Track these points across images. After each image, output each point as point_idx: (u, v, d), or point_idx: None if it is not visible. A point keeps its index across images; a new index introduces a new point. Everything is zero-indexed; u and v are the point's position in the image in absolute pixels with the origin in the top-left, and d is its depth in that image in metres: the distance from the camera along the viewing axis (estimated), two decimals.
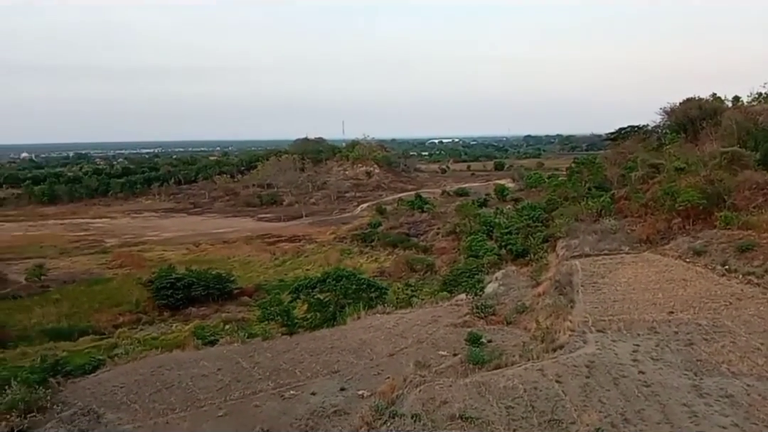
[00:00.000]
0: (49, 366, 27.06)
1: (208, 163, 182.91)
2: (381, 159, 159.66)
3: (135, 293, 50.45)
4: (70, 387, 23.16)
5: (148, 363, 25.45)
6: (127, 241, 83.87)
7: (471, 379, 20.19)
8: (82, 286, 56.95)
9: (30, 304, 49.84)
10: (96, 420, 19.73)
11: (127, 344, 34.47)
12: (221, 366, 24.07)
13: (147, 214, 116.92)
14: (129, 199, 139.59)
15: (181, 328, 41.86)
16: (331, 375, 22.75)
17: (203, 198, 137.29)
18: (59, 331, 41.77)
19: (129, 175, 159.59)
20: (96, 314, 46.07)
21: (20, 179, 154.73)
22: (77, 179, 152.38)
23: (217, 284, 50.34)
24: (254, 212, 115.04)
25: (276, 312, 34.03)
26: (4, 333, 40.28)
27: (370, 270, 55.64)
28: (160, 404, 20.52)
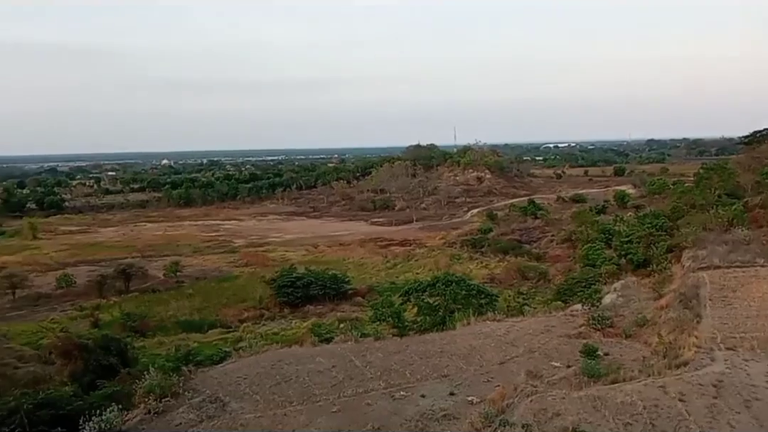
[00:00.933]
0: (182, 355, 29.44)
1: (327, 170, 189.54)
2: (493, 164, 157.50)
3: (259, 290, 53.24)
4: (200, 376, 24.79)
5: (269, 357, 26.81)
6: (252, 242, 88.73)
7: (585, 392, 19.50)
8: (212, 283, 61.11)
9: (167, 298, 54.25)
10: (222, 408, 20.97)
11: (250, 338, 36.41)
12: (335, 363, 24.91)
13: (271, 217, 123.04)
14: (255, 203, 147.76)
15: (300, 325, 43.64)
16: (440, 379, 22.88)
17: (322, 202, 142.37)
18: (191, 323, 45.06)
19: (255, 181, 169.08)
20: (224, 309, 49.16)
21: (161, 184, 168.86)
22: (210, 184, 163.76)
23: (332, 284, 52.10)
24: (368, 216, 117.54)
25: (387, 313, 34.68)
26: (145, 324, 43.96)
27: (480, 276, 55.09)
28: (279, 396, 21.55)
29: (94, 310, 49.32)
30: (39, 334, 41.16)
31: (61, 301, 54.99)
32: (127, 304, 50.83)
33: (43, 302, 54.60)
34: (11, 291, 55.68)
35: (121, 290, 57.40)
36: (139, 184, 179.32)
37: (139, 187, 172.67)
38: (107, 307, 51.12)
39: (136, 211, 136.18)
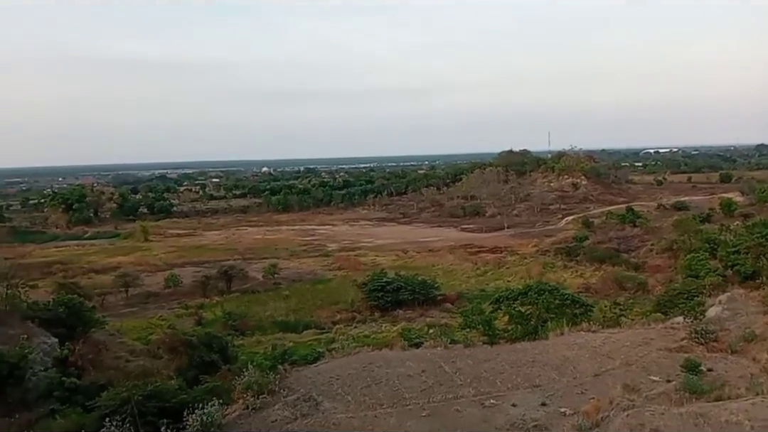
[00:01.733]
0: (279, 354, 30.57)
1: (417, 176, 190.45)
2: (589, 170, 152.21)
3: (351, 293, 54.28)
4: (295, 375, 25.59)
5: (360, 359, 27.29)
6: (345, 246, 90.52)
7: (687, 408, 18.49)
8: (307, 285, 62.97)
9: (265, 299, 56.47)
10: (315, 407, 21.57)
11: (343, 339, 37.15)
12: (425, 368, 25.01)
13: (362, 223, 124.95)
14: (348, 209, 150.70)
15: (390, 329, 44.09)
16: (532, 388, 22.46)
17: (412, 208, 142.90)
18: (287, 323, 46.63)
19: (348, 188, 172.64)
20: (318, 310, 50.56)
21: (261, 190, 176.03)
22: (306, 191, 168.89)
23: (422, 290, 52.27)
24: (458, 223, 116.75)
25: (477, 321, 34.39)
26: (245, 323, 45.94)
27: (574, 285, 53.44)
28: (369, 398, 21.92)
29: (198, 308, 52.12)
30: (148, 330, 43.95)
31: (168, 299, 58.56)
32: (228, 304, 53.33)
33: (153, 300, 58.34)
34: (125, 289, 59.84)
35: (223, 290, 60.31)
36: (240, 190, 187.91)
37: (241, 193, 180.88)
38: (210, 306, 53.86)
39: (238, 216, 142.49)
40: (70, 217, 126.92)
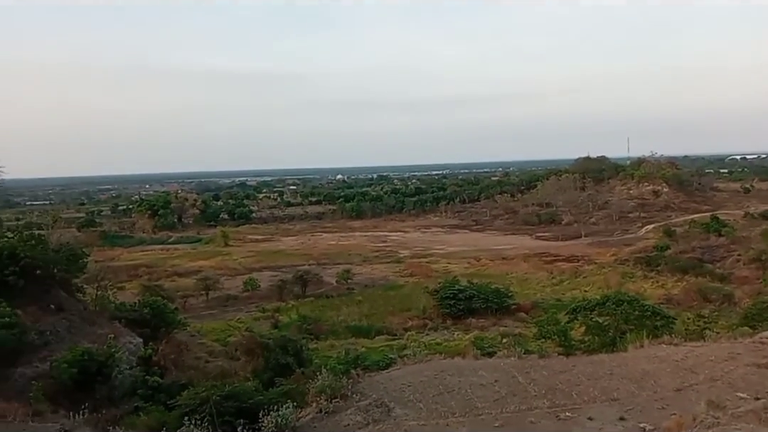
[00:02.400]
0: (352, 359, 30.80)
1: (490, 183, 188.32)
2: (670, 177, 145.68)
3: (422, 300, 54.05)
4: (367, 380, 25.72)
5: (432, 366, 27.16)
6: (417, 253, 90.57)
7: None
8: (379, 291, 63.39)
9: (338, 303, 57.18)
10: (387, 413, 21.60)
11: (414, 346, 36.95)
12: (498, 378, 24.58)
13: (434, 230, 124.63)
14: (420, 216, 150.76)
15: (462, 337, 43.65)
16: (609, 402, 21.63)
17: (484, 216, 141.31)
18: (360, 328, 46.98)
19: (420, 195, 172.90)
20: (390, 316, 50.70)
21: (335, 197, 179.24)
22: (379, 197, 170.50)
23: (495, 298, 51.51)
24: (532, 230, 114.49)
25: (553, 331, 33.50)
26: (318, 327, 46.65)
27: (655, 296, 51.21)
28: (441, 407, 21.76)
29: (275, 312, 53.36)
30: (227, 332, 45.32)
31: (246, 302, 60.35)
32: (303, 308, 54.40)
33: (232, 303, 60.30)
34: (205, 292, 62.12)
35: (299, 295, 61.60)
36: (316, 197, 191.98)
37: (316, 200, 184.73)
38: (286, 309, 55.06)
39: (313, 222, 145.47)
40: (155, 223, 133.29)
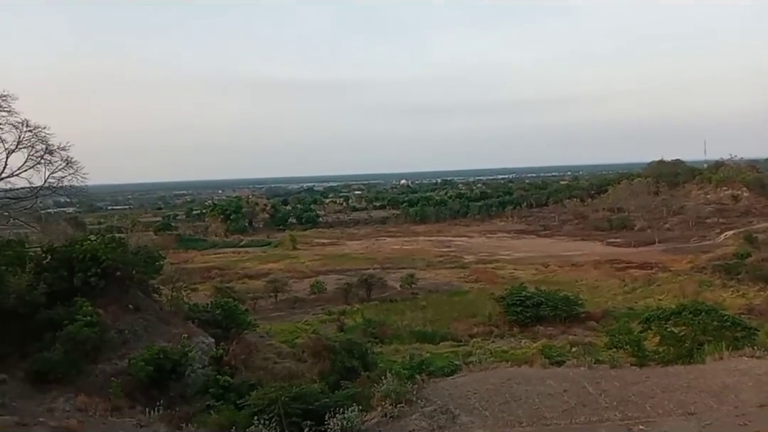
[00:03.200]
0: (416, 364, 30.73)
1: (559, 188, 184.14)
2: (751, 181, 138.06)
3: (488, 307, 53.39)
4: (431, 386, 25.57)
5: (498, 374, 26.73)
6: (482, 259, 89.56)
7: None
8: (443, 296, 63.00)
9: (403, 308, 57.22)
10: (452, 419, 21.39)
11: (480, 353, 36.51)
12: (567, 388, 23.95)
13: (500, 235, 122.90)
14: (485, 221, 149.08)
15: (529, 345, 42.79)
16: (686, 416, 20.65)
17: (553, 221, 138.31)
18: (424, 334, 46.80)
19: (486, 199, 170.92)
20: (454, 322, 50.25)
21: (399, 202, 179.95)
22: (443, 202, 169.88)
23: (564, 306, 50.24)
24: (603, 236, 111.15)
25: (625, 341, 32.30)
26: (383, 331, 46.81)
27: (735, 306, 48.59)
28: (508, 415, 21.37)
29: (340, 315, 53.99)
30: (294, 334, 46.16)
31: (313, 305, 61.38)
32: (368, 311, 54.73)
33: (299, 305, 61.46)
34: (274, 294, 63.60)
35: (363, 298, 62.13)
36: (380, 202, 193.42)
37: (381, 205, 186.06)
38: (351, 312, 55.60)
39: (378, 227, 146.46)
40: (227, 227, 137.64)
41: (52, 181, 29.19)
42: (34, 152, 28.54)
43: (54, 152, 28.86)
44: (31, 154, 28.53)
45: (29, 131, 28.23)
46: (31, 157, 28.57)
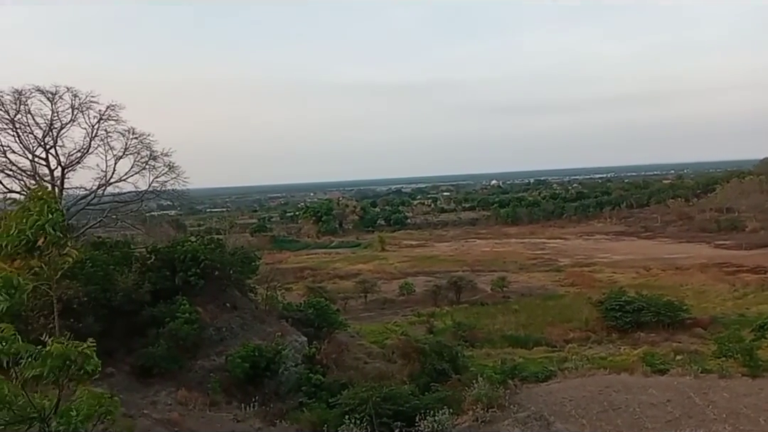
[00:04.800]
0: (509, 369, 30.04)
1: (661, 187, 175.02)
2: None
3: (584, 312, 51.37)
4: (525, 391, 24.94)
5: (596, 381, 25.68)
6: (578, 262, 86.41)
7: None
8: (537, 300, 61.19)
9: (494, 311, 56.11)
10: (546, 427, 20.72)
11: (576, 359, 35.30)
12: (671, 397, 22.60)
13: (598, 237, 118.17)
14: (581, 222, 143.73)
15: (629, 352, 40.68)
16: None
17: (655, 222, 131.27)
18: (517, 338, 45.68)
19: (582, 199, 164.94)
20: (548, 327, 48.66)
21: (489, 203, 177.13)
22: (536, 203, 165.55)
23: (668, 311, 47.37)
24: (710, 238, 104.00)
25: (735, 349, 30.08)
26: (473, 334, 46.12)
27: None
28: (606, 424, 20.47)
29: (430, 317, 53.65)
30: (384, 335, 46.36)
31: (402, 306, 61.44)
32: (457, 314, 54.08)
33: (388, 306, 61.71)
34: (364, 295, 64.26)
35: (453, 301, 61.48)
36: (470, 203, 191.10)
37: (470, 206, 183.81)
38: (440, 315, 55.13)
39: (467, 228, 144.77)
40: (319, 228, 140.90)
41: (156, 185, 30.97)
42: (140, 158, 30.42)
43: (157, 158, 30.63)
44: (136, 160, 30.44)
45: (135, 138, 30.12)
46: (137, 163, 30.45)
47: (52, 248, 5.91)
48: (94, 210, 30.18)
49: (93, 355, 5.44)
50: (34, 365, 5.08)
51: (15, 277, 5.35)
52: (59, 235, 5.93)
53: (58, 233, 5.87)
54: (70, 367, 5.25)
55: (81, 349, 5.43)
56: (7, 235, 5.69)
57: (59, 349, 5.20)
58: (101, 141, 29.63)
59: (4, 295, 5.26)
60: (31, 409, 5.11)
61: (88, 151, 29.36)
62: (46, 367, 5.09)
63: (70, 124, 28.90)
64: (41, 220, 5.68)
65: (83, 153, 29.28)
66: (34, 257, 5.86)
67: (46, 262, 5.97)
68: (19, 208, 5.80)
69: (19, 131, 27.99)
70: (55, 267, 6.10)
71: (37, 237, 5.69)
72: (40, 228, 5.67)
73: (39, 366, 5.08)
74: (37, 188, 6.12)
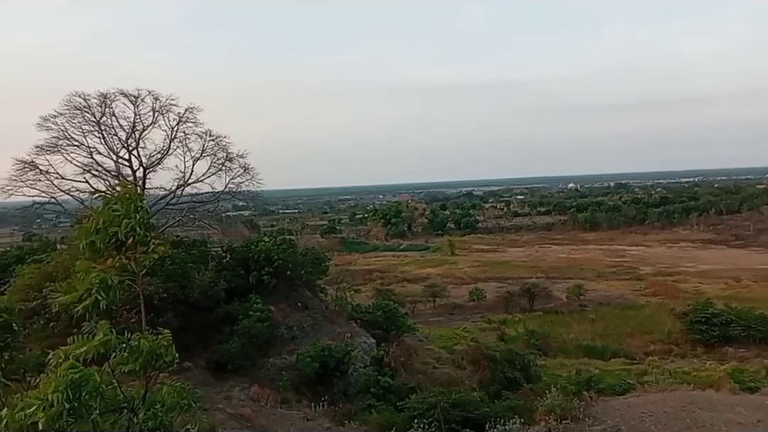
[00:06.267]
0: (584, 380, 29.02)
1: (755, 192, 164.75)
2: None
3: (667, 323, 49.04)
4: (601, 404, 24.01)
5: (678, 396, 24.36)
6: (661, 270, 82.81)
7: None
8: (615, 310, 58.87)
9: (569, 320, 54.46)
10: None
11: (657, 373, 33.73)
12: (762, 417, 21.09)
13: (683, 245, 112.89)
14: (665, 229, 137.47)
15: (715, 368, 38.39)
16: None
17: (747, 230, 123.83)
18: (593, 348, 44.11)
19: (666, 205, 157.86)
20: (627, 338, 46.77)
21: (566, 207, 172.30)
22: (616, 208, 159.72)
23: (760, 326, 44.41)
24: None
25: None
26: (547, 343, 44.91)
27: None
28: None
29: (501, 324, 52.69)
30: (453, 340, 45.77)
31: (472, 312, 60.65)
32: (530, 322, 52.77)
33: (458, 312, 61.08)
34: (433, 299, 63.91)
35: (525, 308, 60.15)
36: (545, 207, 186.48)
37: (545, 210, 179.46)
38: (512, 322, 54.00)
39: (542, 233, 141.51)
40: (387, 231, 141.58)
41: (232, 186, 31.81)
42: (216, 160, 31.33)
43: (233, 159, 31.46)
44: (213, 161, 31.37)
45: (212, 140, 31.06)
46: (214, 165, 31.38)
47: (139, 246, 6.17)
48: (173, 210, 31.20)
49: (171, 347, 5.68)
50: (124, 359, 5.32)
51: (109, 277, 5.59)
52: (146, 234, 6.18)
53: (145, 232, 6.11)
54: (157, 360, 5.49)
55: (162, 342, 5.70)
56: (96, 233, 5.94)
57: (148, 345, 5.46)
58: (180, 143, 30.64)
59: (102, 294, 5.50)
60: (121, 399, 5.31)
61: (167, 153, 30.43)
62: (137, 363, 5.36)
63: (151, 126, 30.05)
64: (132, 220, 5.92)
65: (163, 154, 30.39)
66: (122, 255, 6.11)
67: (133, 259, 6.23)
68: (106, 206, 6.02)
69: (104, 133, 29.33)
70: (140, 264, 6.37)
71: (126, 236, 5.94)
72: (130, 227, 5.91)
73: (131, 360, 5.34)
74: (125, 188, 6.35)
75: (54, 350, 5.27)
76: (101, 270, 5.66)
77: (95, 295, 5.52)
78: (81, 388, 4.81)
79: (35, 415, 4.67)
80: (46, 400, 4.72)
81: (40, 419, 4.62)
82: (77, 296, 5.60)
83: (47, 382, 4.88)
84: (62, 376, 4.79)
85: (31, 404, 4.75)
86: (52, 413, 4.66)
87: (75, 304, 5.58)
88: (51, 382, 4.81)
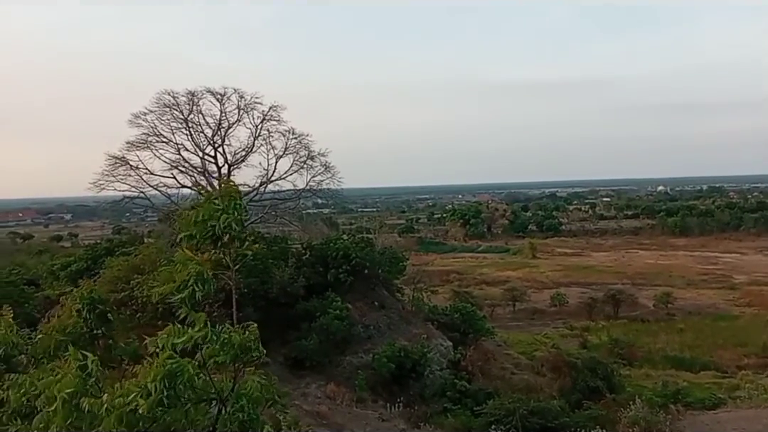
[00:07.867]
0: (671, 393, 27.76)
1: None
2: None
3: (763, 336, 46.21)
4: (688, 418, 22.99)
5: None
6: (756, 279, 77.68)
7: None
8: (706, 320, 55.88)
9: (656, 329, 52.11)
10: None
11: (750, 388, 31.69)
12: None
13: None
14: (762, 235, 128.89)
15: None
16: None
17: None
18: (681, 360, 42.08)
19: (763, 210, 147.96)
20: (718, 350, 44.30)
21: (655, 210, 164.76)
22: (709, 212, 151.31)
23: None
24: None
25: None
26: (632, 352, 43.14)
27: None
28: None
29: (583, 330, 51.13)
30: (533, 346, 44.79)
31: (553, 317, 59.11)
32: (614, 330, 50.86)
33: (538, 317, 59.64)
34: (512, 303, 62.70)
35: (610, 315, 57.99)
36: (632, 210, 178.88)
37: (633, 214, 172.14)
38: (595, 329, 52.25)
39: (628, 238, 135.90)
40: (466, 231, 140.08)
41: (313, 184, 32.54)
42: (298, 158, 32.13)
43: (315, 158, 32.17)
44: (295, 159, 32.19)
45: (294, 138, 31.87)
46: (296, 162, 32.20)
47: (234, 242, 6.41)
48: (255, 206, 32.17)
49: (258, 341, 5.83)
50: (216, 351, 5.50)
51: (205, 271, 5.82)
52: (241, 231, 6.42)
53: (240, 229, 6.35)
54: (246, 354, 5.67)
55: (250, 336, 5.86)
56: (195, 225, 6.20)
57: (239, 338, 5.63)
58: (264, 140, 31.63)
59: (199, 286, 5.76)
60: (212, 390, 5.52)
61: (251, 150, 31.48)
62: (228, 355, 5.54)
63: (236, 123, 31.17)
64: (230, 216, 6.16)
65: (247, 152, 31.45)
66: (218, 250, 6.36)
67: (228, 255, 6.49)
68: (206, 200, 6.31)
69: (192, 130, 30.65)
70: (233, 260, 6.63)
71: (223, 231, 6.17)
72: (228, 222, 6.14)
73: (222, 353, 5.52)
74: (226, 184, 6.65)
75: (142, 340, 5.55)
76: (198, 263, 5.93)
77: (191, 287, 5.77)
78: (176, 378, 5.05)
79: (134, 402, 4.95)
80: (145, 388, 5.00)
81: (140, 406, 4.89)
82: (174, 287, 5.88)
83: (146, 370, 5.16)
84: (160, 365, 5.05)
85: (130, 391, 5.04)
86: (150, 401, 4.93)
87: (173, 293, 5.86)
88: (150, 371, 5.09)
